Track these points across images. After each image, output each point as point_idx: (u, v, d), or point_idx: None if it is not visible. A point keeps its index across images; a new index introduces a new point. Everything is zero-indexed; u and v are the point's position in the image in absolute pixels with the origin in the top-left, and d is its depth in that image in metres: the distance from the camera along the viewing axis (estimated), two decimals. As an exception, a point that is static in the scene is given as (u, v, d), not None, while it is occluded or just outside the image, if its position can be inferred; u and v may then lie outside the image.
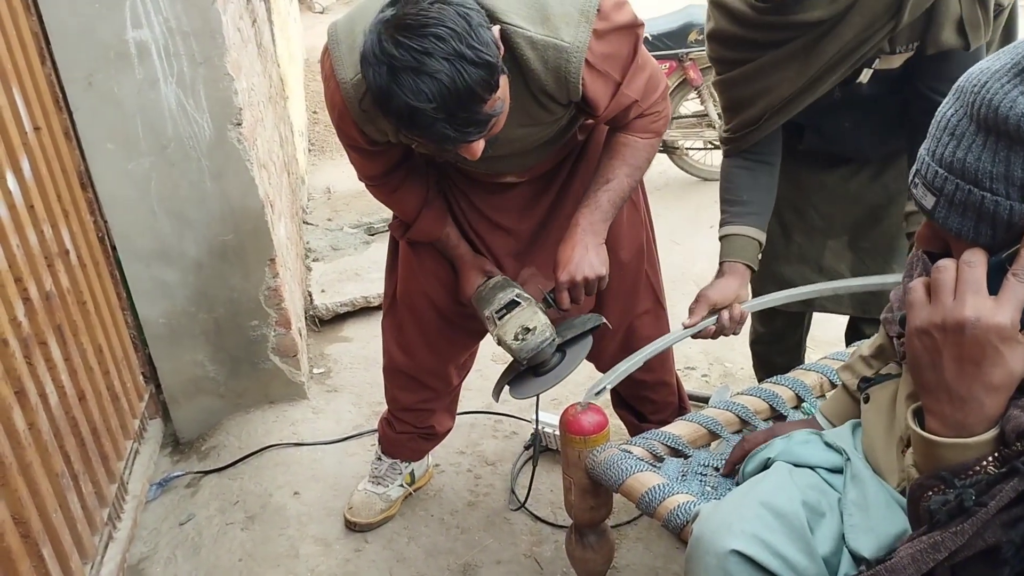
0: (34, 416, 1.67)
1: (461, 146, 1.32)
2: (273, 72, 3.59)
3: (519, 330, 1.57)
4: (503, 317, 1.60)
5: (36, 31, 2.00)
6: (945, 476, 0.81)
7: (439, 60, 1.19)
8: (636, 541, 2.01)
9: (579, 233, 1.58)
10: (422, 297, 1.87)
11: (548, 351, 1.59)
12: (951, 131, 0.85)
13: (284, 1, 5.11)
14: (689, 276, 3.34)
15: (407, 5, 1.23)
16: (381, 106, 1.26)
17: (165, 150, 2.18)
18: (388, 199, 1.72)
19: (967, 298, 0.81)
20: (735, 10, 1.57)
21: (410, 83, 1.20)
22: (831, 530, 1.13)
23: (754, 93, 1.63)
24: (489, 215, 1.77)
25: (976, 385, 0.80)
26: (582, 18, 1.38)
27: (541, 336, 1.56)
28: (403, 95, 1.21)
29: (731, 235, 1.68)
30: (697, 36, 3.99)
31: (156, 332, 2.39)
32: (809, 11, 1.49)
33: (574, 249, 1.57)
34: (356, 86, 1.40)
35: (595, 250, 1.58)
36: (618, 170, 1.60)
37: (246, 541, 2.09)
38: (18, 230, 1.73)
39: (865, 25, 1.49)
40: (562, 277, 1.57)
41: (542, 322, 1.58)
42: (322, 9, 9.63)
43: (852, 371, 1.38)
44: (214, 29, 2.10)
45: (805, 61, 1.55)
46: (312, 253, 3.64)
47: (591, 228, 1.58)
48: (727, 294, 1.62)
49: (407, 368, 1.98)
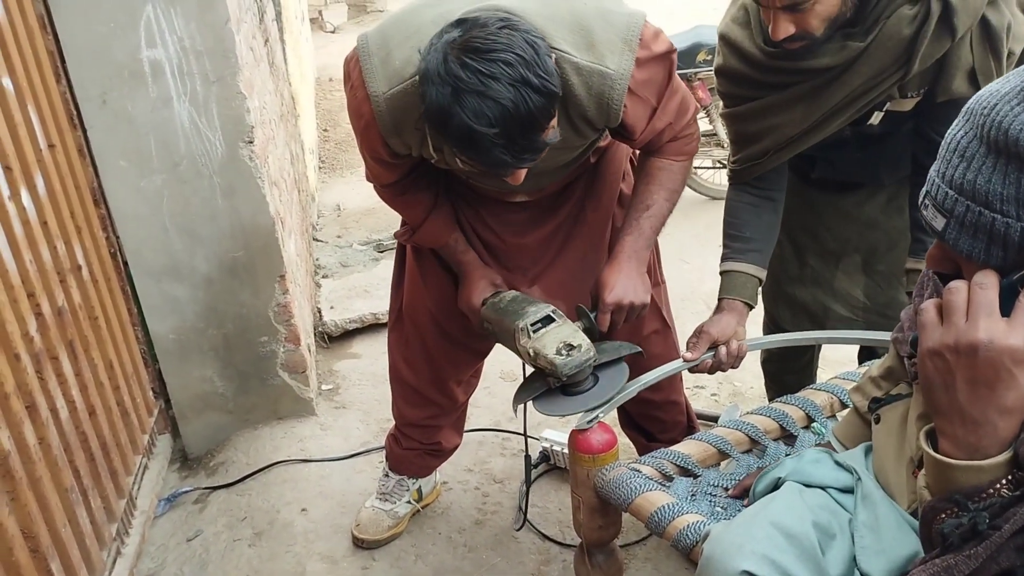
0: (45, 431, 1.67)
1: (511, 171, 1.32)
2: (285, 91, 3.62)
3: (561, 345, 1.52)
4: (538, 331, 1.56)
5: (52, 49, 2.03)
6: (958, 499, 0.80)
7: (505, 85, 1.20)
8: (645, 561, 2.00)
9: (624, 259, 1.58)
10: (425, 313, 1.88)
11: (587, 371, 1.55)
12: (961, 153, 0.85)
13: (296, 21, 5.16)
14: (698, 294, 3.33)
15: (475, 28, 1.23)
16: (440, 126, 1.25)
17: (177, 167, 2.20)
18: (396, 202, 1.71)
19: (980, 320, 0.80)
20: (745, 51, 1.57)
21: (474, 105, 1.20)
22: (842, 551, 1.12)
23: (760, 130, 1.64)
24: (498, 231, 1.78)
25: (989, 408, 0.80)
26: (625, 47, 1.39)
27: (586, 355, 1.51)
28: (465, 117, 1.20)
29: (731, 271, 1.68)
30: (706, 56, 4.00)
31: (166, 348, 2.40)
32: (818, 58, 1.50)
33: (620, 274, 1.57)
34: (389, 99, 1.41)
35: (640, 277, 1.59)
36: (656, 195, 1.61)
37: (253, 558, 2.08)
38: (31, 246, 1.75)
39: (873, 74, 1.50)
40: (609, 299, 1.56)
41: (586, 341, 1.53)
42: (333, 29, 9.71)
43: (862, 393, 1.38)
44: (227, 48, 2.13)
45: (811, 104, 1.56)
46: (322, 270, 3.66)
47: (636, 255, 1.59)
48: (726, 330, 1.62)
49: (412, 383, 1.98)
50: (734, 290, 1.66)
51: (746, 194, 1.71)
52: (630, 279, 1.58)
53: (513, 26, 1.24)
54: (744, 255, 1.68)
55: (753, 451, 1.61)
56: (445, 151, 1.42)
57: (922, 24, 1.43)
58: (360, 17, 9.77)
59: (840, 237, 1.88)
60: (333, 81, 6.81)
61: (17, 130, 1.74)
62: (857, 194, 1.84)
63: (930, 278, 1.16)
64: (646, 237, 1.61)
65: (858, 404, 1.38)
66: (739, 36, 1.58)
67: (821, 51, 1.49)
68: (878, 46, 1.47)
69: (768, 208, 1.71)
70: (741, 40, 1.58)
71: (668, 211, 1.64)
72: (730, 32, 1.60)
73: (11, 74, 1.76)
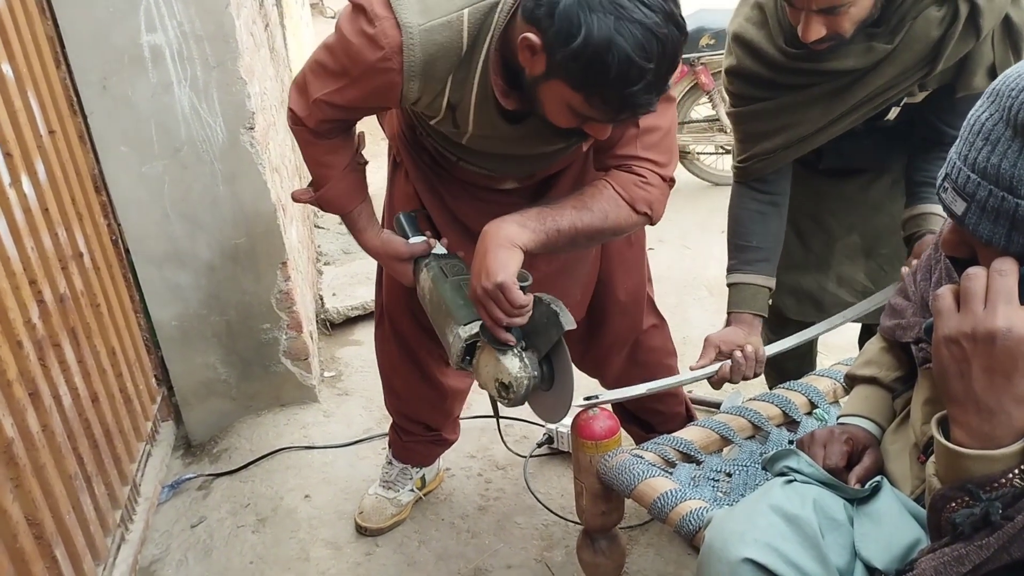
0: (48, 418, 1.68)
1: (631, 116, 1.26)
2: (285, 76, 3.60)
3: (498, 387, 1.37)
4: (472, 363, 1.42)
5: (51, 35, 2.01)
6: (970, 488, 0.80)
7: (664, 22, 1.15)
8: (647, 546, 2.00)
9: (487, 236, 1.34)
10: (401, 304, 1.83)
11: (534, 384, 1.38)
12: (985, 135, 0.83)
13: (296, 6, 5.13)
14: (700, 281, 3.33)
15: None
16: (586, 56, 1.15)
17: (178, 153, 2.19)
18: (316, 144, 1.50)
19: (999, 307, 0.79)
20: (763, 52, 1.55)
21: (636, 38, 1.13)
22: (846, 539, 1.12)
23: (772, 129, 1.62)
24: (481, 219, 1.43)
25: (1005, 397, 0.79)
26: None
27: (521, 387, 1.34)
28: (627, 48, 1.13)
29: (739, 284, 1.67)
30: (709, 40, 3.98)
31: (168, 335, 2.40)
32: (842, 59, 1.48)
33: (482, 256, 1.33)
34: (426, 32, 1.26)
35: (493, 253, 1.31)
36: (569, 203, 1.39)
37: (257, 544, 2.09)
38: (33, 233, 1.74)
39: (896, 74, 1.49)
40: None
41: (515, 372, 1.34)
42: (334, 14, 9.65)
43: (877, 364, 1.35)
44: (227, 33, 2.11)
45: (830, 104, 1.55)
46: (323, 257, 3.65)
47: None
48: (731, 340, 1.61)
49: (398, 377, 1.97)
50: (743, 303, 1.66)
51: (752, 200, 1.70)
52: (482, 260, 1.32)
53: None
54: (752, 265, 1.67)
55: (756, 437, 1.61)
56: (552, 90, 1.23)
57: (950, 25, 1.43)
58: (360, 2, 9.70)
59: (844, 222, 1.87)
60: (334, 67, 6.76)
61: (17, 116, 1.73)
62: (862, 178, 1.83)
63: (939, 261, 1.15)
64: (531, 216, 1.35)
65: (880, 376, 1.33)
66: (755, 36, 1.55)
67: (845, 52, 1.47)
68: (905, 47, 1.46)
69: (774, 215, 1.70)
70: (758, 40, 1.55)
71: (571, 226, 1.36)
72: (745, 32, 1.57)
73: (11, 60, 1.75)
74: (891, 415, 1.30)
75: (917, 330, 1.19)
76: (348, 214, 1.58)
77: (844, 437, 1.24)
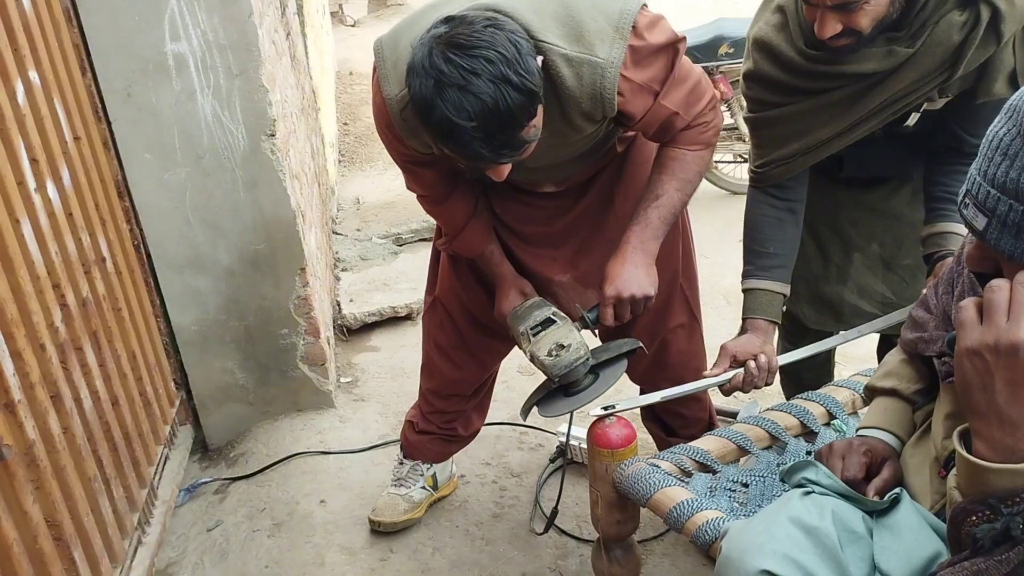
0: (69, 420, 1.69)
1: (491, 166, 1.36)
2: (306, 84, 3.63)
3: (553, 347, 1.56)
4: (537, 334, 1.59)
5: (77, 43, 2.04)
6: (991, 502, 0.79)
7: (485, 81, 1.24)
8: (663, 556, 1.99)
9: (629, 251, 1.56)
10: (456, 299, 1.90)
11: (581, 370, 1.57)
12: (1004, 151, 0.83)
13: (317, 14, 5.18)
14: (718, 290, 3.31)
15: (460, 25, 1.27)
16: (422, 117, 1.30)
17: (201, 160, 2.22)
18: (435, 210, 1.74)
19: (1022, 320, 0.79)
20: (783, 56, 1.54)
21: (454, 99, 1.24)
22: (865, 551, 1.11)
23: (790, 134, 1.61)
24: (526, 221, 1.78)
25: None
26: (616, 34, 1.39)
27: (575, 354, 1.55)
28: (445, 109, 1.24)
29: (754, 290, 1.67)
30: (728, 49, 3.97)
31: (188, 339, 2.43)
32: (862, 63, 1.48)
33: (623, 266, 1.56)
34: (400, 101, 1.43)
35: (644, 269, 1.57)
36: (667, 184, 1.57)
37: (272, 548, 2.10)
38: (57, 238, 1.77)
39: (917, 78, 1.48)
40: (608, 292, 1.55)
41: (576, 340, 1.56)
42: (353, 22, 9.73)
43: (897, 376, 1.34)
44: (250, 42, 2.14)
45: (849, 108, 1.54)
46: (341, 263, 3.67)
47: (641, 246, 1.57)
48: (748, 348, 1.61)
49: (439, 363, 2.00)
50: (758, 309, 1.65)
51: (768, 207, 1.69)
52: (633, 271, 1.56)
53: (498, 25, 1.28)
54: (768, 271, 1.67)
55: (773, 447, 1.60)
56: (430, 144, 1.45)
57: (971, 30, 1.42)
58: (380, 11, 9.78)
59: (865, 232, 1.86)
60: (353, 75, 6.83)
61: (43, 122, 1.76)
62: (883, 188, 1.82)
63: (960, 274, 1.14)
64: (653, 228, 1.57)
65: (900, 388, 1.32)
66: (776, 40, 1.55)
67: (865, 55, 1.47)
68: (925, 52, 1.45)
69: (790, 221, 1.69)
70: (778, 44, 1.54)
71: (680, 201, 1.59)
72: (765, 36, 1.57)
73: (37, 67, 1.78)
74: (911, 428, 1.29)
75: (940, 343, 1.18)
76: (480, 255, 1.76)
77: (863, 449, 1.23)
